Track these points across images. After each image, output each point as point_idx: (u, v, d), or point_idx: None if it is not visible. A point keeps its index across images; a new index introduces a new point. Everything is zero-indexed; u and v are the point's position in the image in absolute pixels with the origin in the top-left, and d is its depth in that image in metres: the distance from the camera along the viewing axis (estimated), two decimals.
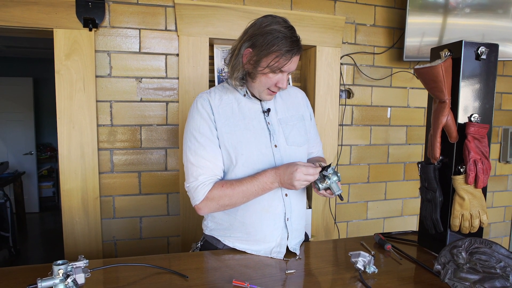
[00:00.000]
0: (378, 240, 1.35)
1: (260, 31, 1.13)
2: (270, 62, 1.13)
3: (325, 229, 2.32)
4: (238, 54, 1.18)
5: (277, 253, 1.23)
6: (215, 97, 1.25)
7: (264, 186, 1.17)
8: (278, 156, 1.25)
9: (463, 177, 1.15)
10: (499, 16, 2.27)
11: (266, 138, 1.25)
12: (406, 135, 2.51)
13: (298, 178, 1.11)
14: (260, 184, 1.16)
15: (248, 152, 1.22)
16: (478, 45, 1.15)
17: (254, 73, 1.17)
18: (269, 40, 1.11)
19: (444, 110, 1.16)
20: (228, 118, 1.23)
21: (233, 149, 1.21)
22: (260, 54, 1.13)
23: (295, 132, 1.30)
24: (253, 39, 1.14)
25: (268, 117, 1.27)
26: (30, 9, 1.73)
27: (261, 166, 1.23)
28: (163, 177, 2.03)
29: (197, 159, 1.20)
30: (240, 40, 1.19)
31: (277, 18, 1.15)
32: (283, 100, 1.34)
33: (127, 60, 1.92)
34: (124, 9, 1.88)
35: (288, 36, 1.11)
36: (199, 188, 1.19)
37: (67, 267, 0.95)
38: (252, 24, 1.18)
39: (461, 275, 0.95)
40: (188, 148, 1.22)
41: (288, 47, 1.11)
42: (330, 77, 2.21)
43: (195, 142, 1.21)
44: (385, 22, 2.36)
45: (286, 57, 1.12)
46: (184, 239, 2.03)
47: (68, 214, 1.87)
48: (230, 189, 1.17)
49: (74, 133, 1.84)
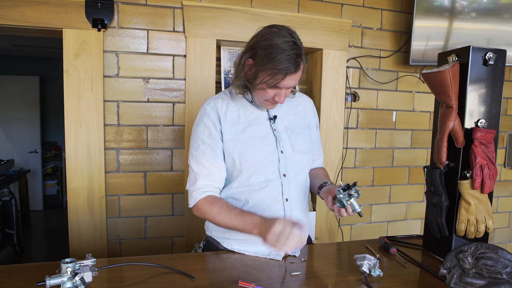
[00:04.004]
0: (383, 243, 1.35)
1: (260, 44, 1.11)
2: (265, 78, 1.11)
3: (329, 232, 2.32)
4: (240, 63, 1.18)
5: (275, 255, 1.24)
6: (222, 104, 1.26)
7: (245, 227, 1.12)
8: (283, 162, 1.25)
9: (469, 182, 1.15)
10: (505, 20, 2.27)
11: (272, 144, 1.25)
12: (411, 139, 2.50)
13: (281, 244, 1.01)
14: (243, 222, 1.13)
15: (253, 159, 1.22)
16: (486, 50, 1.15)
17: (252, 84, 1.17)
18: (266, 55, 1.08)
19: (451, 115, 1.16)
20: (234, 125, 1.24)
21: (238, 155, 1.22)
22: (258, 68, 1.12)
23: (301, 139, 1.30)
24: (253, 51, 1.13)
25: (274, 124, 1.28)
26: (40, 9, 1.75)
27: (265, 172, 1.23)
28: (169, 178, 2.04)
29: (197, 166, 1.23)
30: (245, 47, 1.18)
31: (283, 30, 1.11)
32: (290, 107, 1.34)
33: (134, 60, 1.93)
34: (132, 10, 1.90)
35: (286, 53, 1.07)
36: (193, 194, 1.22)
37: (75, 265, 0.96)
38: (257, 33, 1.16)
39: (467, 280, 0.95)
40: (191, 154, 1.26)
41: (282, 66, 1.07)
42: (336, 80, 2.22)
43: (197, 148, 1.24)
44: (392, 26, 2.37)
45: (279, 75, 1.09)
46: (188, 240, 2.04)
47: (73, 213, 1.89)
48: (217, 211, 1.18)
49: (81, 132, 1.85)
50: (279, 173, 1.25)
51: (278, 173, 1.25)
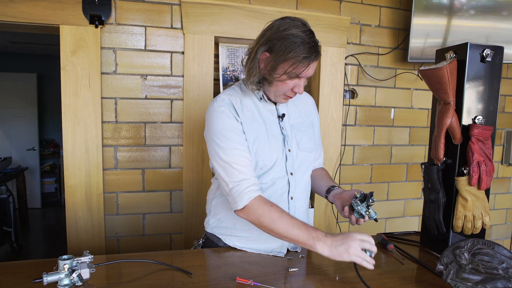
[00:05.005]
0: (381, 240, 1.35)
1: (277, 35, 1.09)
2: (287, 69, 1.09)
3: (327, 228, 2.33)
4: (255, 58, 1.14)
5: (277, 253, 1.25)
6: (236, 101, 1.21)
7: (308, 239, 1.06)
8: (290, 161, 1.25)
9: (466, 179, 1.15)
10: (504, 18, 2.27)
11: (281, 143, 1.24)
12: (409, 136, 2.51)
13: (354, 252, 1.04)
14: (307, 233, 1.06)
15: (269, 158, 1.21)
16: (483, 47, 1.15)
17: (271, 78, 1.14)
18: (286, 45, 1.06)
19: (449, 112, 1.17)
20: (252, 123, 1.20)
21: (254, 154, 1.19)
22: (277, 60, 1.09)
23: (306, 138, 1.30)
24: (270, 43, 1.10)
25: (282, 122, 1.27)
26: (37, 5, 1.74)
27: (274, 170, 1.22)
28: (167, 175, 2.04)
29: (236, 159, 1.12)
30: (257, 42, 1.15)
31: (296, 21, 1.10)
32: (295, 105, 1.33)
33: (132, 57, 1.93)
34: (130, 6, 1.89)
35: (306, 41, 1.07)
36: (244, 193, 1.11)
37: (73, 262, 0.96)
38: (270, 26, 1.13)
39: (463, 275, 0.95)
40: (220, 148, 1.14)
41: (306, 53, 1.06)
42: (334, 77, 2.22)
43: (227, 140, 1.14)
44: (390, 23, 2.36)
45: (303, 63, 1.08)
46: (187, 237, 2.04)
47: (71, 210, 1.88)
48: (278, 215, 1.09)
49: (79, 129, 1.85)
50: (287, 172, 1.24)
51: (285, 172, 1.24)
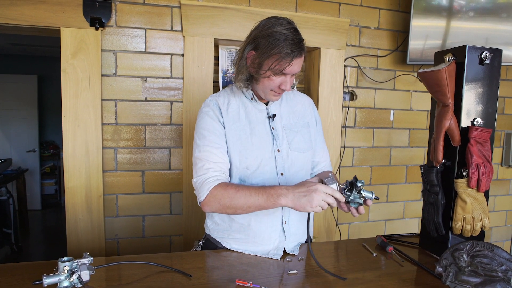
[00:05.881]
0: (380, 242, 1.35)
1: (262, 33, 1.13)
2: (271, 65, 1.12)
3: (327, 231, 2.33)
4: (242, 57, 1.19)
5: (273, 254, 1.24)
6: (224, 101, 1.27)
7: (268, 198, 1.09)
8: (280, 161, 1.26)
9: (465, 181, 1.15)
10: (503, 20, 2.27)
11: (270, 143, 1.26)
12: (408, 138, 2.51)
13: (317, 199, 1.04)
14: (265, 194, 1.10)
15: (253, 157, 1.23)
16: (482, 49, 1.16)
17: (257, 75, 1.18)
18: (270, 42, 1.11)
19: (447, 114, 1.17)
20: (235, 123, 1.24)
21: (238, 153, 1.22)
22: (262, 57, 1.13)
23: (299, 138, 1.31)
24: (256, 42, 1.15)
25: (273, 123, 1.29)
26: (38, 7, 1.74)
27: (263, 170, 1.24)
28: (167, 177, 2.04)
29: (205, 155, 1.20)
30: (245, 42, 1.20)
31: (281, 20, 1.15)
32: (289, 106, 1.35)
33: (132, 59, 1.93)
34: (130, 9, 1.90)
35: (290, 38, 1.10)
36: (205, 183, 1.17)
37: (73, 264, 0.96)
38: (256, 26, 1.18)
39: (462, 278, 0.95)
40: (197, 145, 1.23)
41: (289, 50, 1.10)
42: (334, 79, 2.22)
43: (203, 139, 1.22)
44: (389, 25, 2.37)
45: (286, 60, 1.11)
46: (186, 239, 2.04)
47: (71, 212, 1.89)
48: (234, 191, 1.13)
49: (79, 131, 1.85)
50: (276, 172, 1.26)
51: (275, 172, 1.25)
